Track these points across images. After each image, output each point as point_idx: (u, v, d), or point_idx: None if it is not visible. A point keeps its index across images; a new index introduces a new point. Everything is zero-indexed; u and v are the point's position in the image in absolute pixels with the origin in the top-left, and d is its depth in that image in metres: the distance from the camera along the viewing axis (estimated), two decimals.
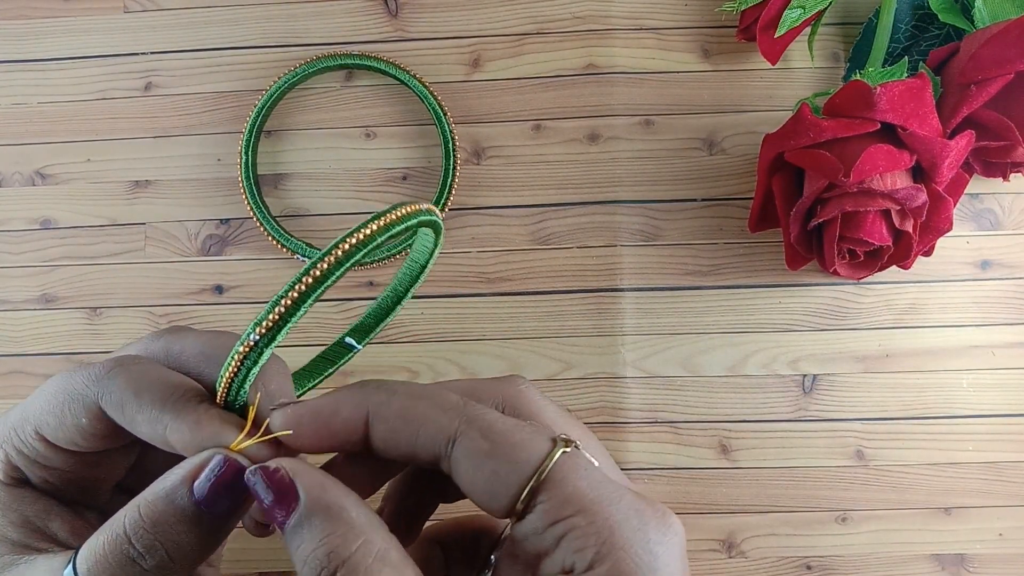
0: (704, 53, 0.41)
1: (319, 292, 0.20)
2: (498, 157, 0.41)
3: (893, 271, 0.37)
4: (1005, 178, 0.37)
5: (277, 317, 0.20)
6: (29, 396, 0.23)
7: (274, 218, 0.40)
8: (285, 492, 0.20)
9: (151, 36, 0.42)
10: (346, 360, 0.27)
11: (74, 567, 0.20)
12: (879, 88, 0.32)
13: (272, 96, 0.40)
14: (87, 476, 0.23)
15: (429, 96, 0.40)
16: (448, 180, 0.40)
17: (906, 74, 0.35)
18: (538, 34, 0.41)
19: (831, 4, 0.38)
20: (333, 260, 0.20)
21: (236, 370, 0.21)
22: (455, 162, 0.40)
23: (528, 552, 0.19)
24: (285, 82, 0.40)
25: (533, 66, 0.41)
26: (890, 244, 0.33)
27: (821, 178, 0.33)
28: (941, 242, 0.36)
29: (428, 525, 0.25)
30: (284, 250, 0.40)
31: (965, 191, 0.37)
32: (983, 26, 0.35)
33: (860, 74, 0.34)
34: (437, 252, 0.25)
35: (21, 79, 0.42)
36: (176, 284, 0.41)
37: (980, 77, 0.33)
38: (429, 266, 0.25)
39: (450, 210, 0.40)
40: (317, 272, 0.20)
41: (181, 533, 0.20)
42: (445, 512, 0.25)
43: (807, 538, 0.39)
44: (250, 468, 0.20)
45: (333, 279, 0.20)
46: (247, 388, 0.21)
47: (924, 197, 0.32)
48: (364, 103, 0.41)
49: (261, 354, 0.20)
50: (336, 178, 0.41)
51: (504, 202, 0.41)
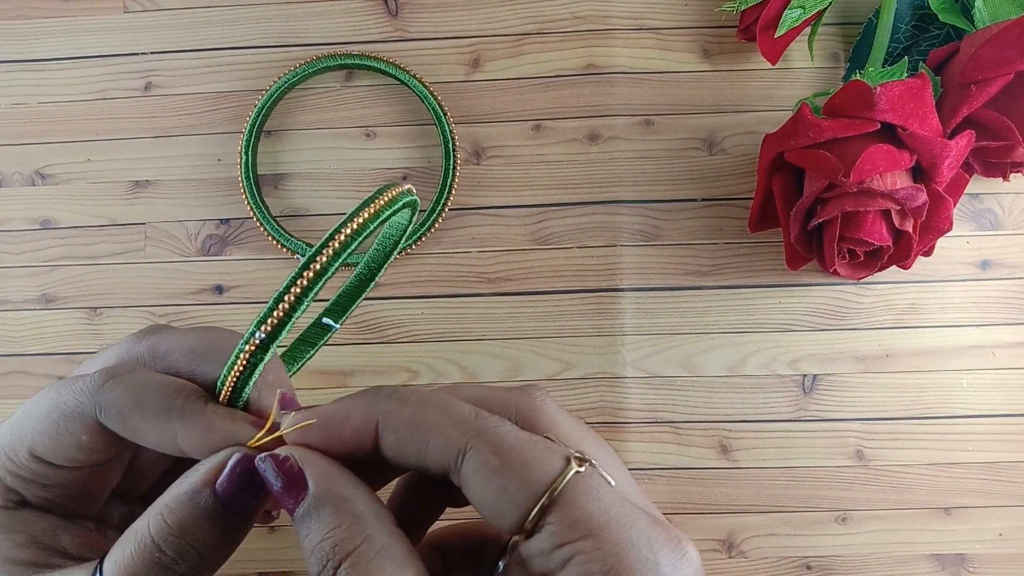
0: (704, 53, 0.41)
1: (319, 286, 0.20)
2: (498, 157, 0.41)
3: (893, 271, 0.37)
4: (1005, 178, 0.37)
5: (282, 314, 0.20)
6: (14, 416, 0.23)
7: (274, 218, 0.40)
8: (295, 481, 0.20)
9: (151, 36, 0.42)
10: (325, 340, 0.27)
11: None
12: (879, 88, 0.32)
13: (272, 96, 0.40)
14: (87, 488, 0.23)
15: (429, 96, 0.40)
16: (448, 180, 0.40)
17: (906, 74, 0.35)
18: (538, 34, 0.41)
19: (831, 4, 0.38)
20: (331, 252, 0.20)
21: (242, 369, 0.21)
22: (455, 162, 0.40)
23: (534, 571, 0.19)
24: (285, 82, 0.40)
25: (533, 66, 0.41)
26: (890, 244, 0.33)
27: (821, 178, 0.33)
28: (941, 242, 0.36)
29: (431, 531, 0.25)
30: (284, 250, 0.40)
31: (965, 191, 0.37)
32: (983, 26, 0.35)
33: (860, 74, 0.34)
34: (410, 228, 0.25)
35: (21, 79, 0.42)
36: (176, 284, 0.41)
37: (980, 77, 0.33)
38: (403, 242, 0.25)
39: (450, 210, 0.40)
40: (317, 266, 0.20)
41: (209, 534, 0.20)
42: (452, 516, 0.24)
43: (807, 538, 0.39)
44: (260, 456, 0.20)
45: (332, 272, 0.20)
46: (251, 385, 0.21)
47: (924, 197, 0.32)
48: (364, 103, 0.41)
49: (267, 352, 0.20)
50: (336, 178, 0.41)
51: (504, 202, 0.41)
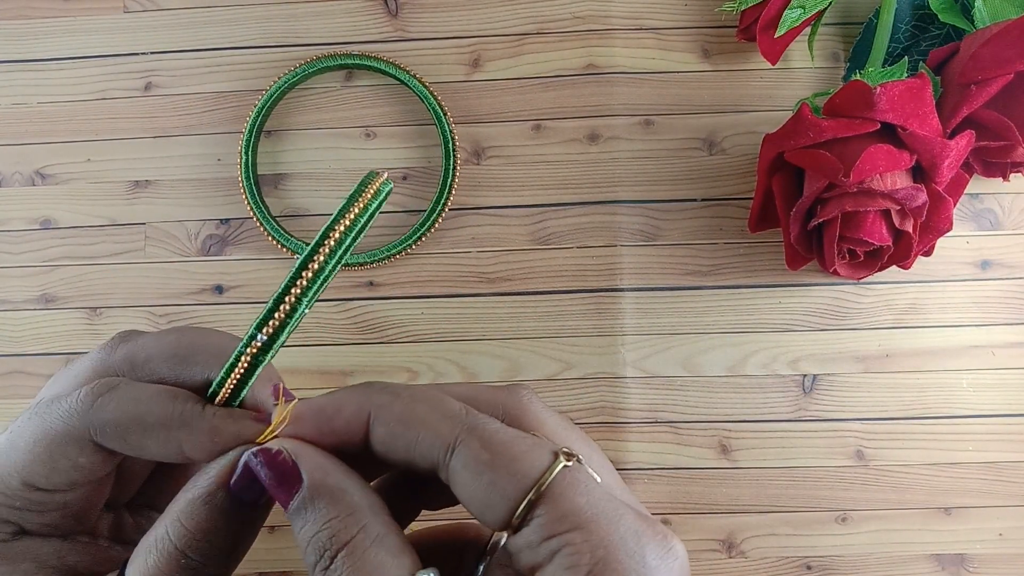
0: (704, 53, 0.41)
1: (317, 286, 0.20)
2: (498, 157, 0.41)
3: (893, 271, 0.37)
4: (1005, 178, 0.37)
5: (283, 316, 0.20)
6: None
7: (274, 218, 0.40)
8: (288, 474, 0.20)
9: (151, 36, 0.42)
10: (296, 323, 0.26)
11: None
12: (879, 88, 0.32)
13: (272, 96, 0.40)
14: (84, 506, 0.23)
15: (429, 96, 0.40)
16: (448, 180, 0.40)
17: (906, 74, 0.35)
18: (538, 34, 0.41)
19: (831, 4, 0.38)
20: (328, 251, 0.20)
21: (243, 372, 0.21)
22: (455, 162, 0.40)
23: (521, 565, 0.19)
24: (285, 82, 0.40)
25: (533, 66, 0.41)
26: (890, 244, 0.33)
27: (821, 178, 0.33)
28: (941, 242, 0.36)
29: (408, 534, 0.25)
30: (284, 250, 0.40)
31: (965, 191, 0.37)
32: (983, 26, 0.35)
33: (860, 74, 0.34)
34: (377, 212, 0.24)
35: (21, 79, 0.42)
36: (176, 284, 0.41)
37: (980, 77, 0.33)
38: (370, 224, 0.25)
39: (450, 210, 0.40)
40: (315, 265, 0.20)
41: (230, 532, 0.21)
42: (427, 519, 0.24)
43: (807, 538, 0.39)
44: (250, 450, 0.20)
45: (329, 269, 0.20)
46: (248, 386, 0.21)
47: (924, 197, 0.32)
48: (364, 103, 0.41)
49: (267, 354, 0.20)
50: (336, 178, 0.41)
51: (504, 202, 0.41)
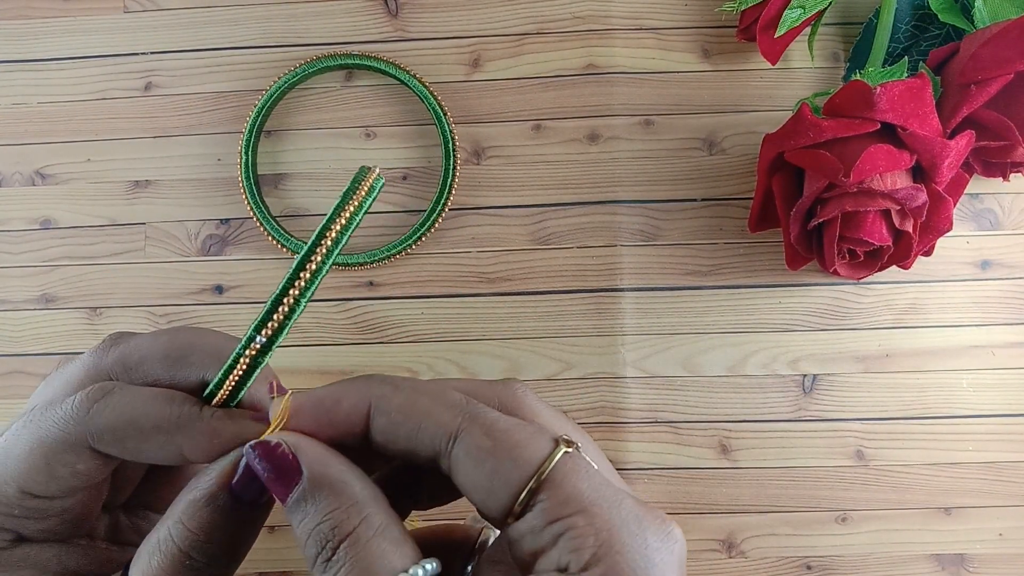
0: (704, 53, 0.41)
1: (316, 286, 0.20)
2: (498, 157, 0.41)
3: (893, 271, 0.37)
4: (1005, 178, 0.37)
5: (282, 317, 0.20)
6: None
7: (274, 218, 0.40)
8: (287, 467, 0.20)
9: (151, 36, 0.42)
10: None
11: None
12: (879, 88, 0.32)
13: (272, 96, 0.40)
14: (83, 510, 0.23)
15: (429, 96, 0.40)
16: (448, 180, 0.40)
17: (906, 74, 0.35)
18: (538, 34, 0.41)
19: (831, 4, 0.38)
20: (324, 251, 0.20)
21: (242, 373, 0.21)
22: (455, 162, 0.40)
23: (523, 551, 0.19)
24: (285, 82, 0.40)
25: (533, 66, 0.41)
26: (890, 244, 0.33)
27: (821, 178, 0.33)
28: (941, 242, 0.36)
29: None
30: (284, 250, 0.40)
31: (965, 191, 0.37)
32: (983, 26, 0.35)
33: (860, 74, 0.34)
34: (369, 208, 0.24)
35: (21, 79, 0.42)
36: (176, 284, 0.41)
37: (980, 77, 0.33)
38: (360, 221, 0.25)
39: (450, 210, 0.40)
40: (313, 265, 0.20)
41: (233, 532, 0.21)
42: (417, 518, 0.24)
43: (807, 538, 0.39)
44: (248, 444, 0.20)
45: (327, 269, 0.20)
46: (247, 387, 0.21)
47: (924, 197, 0.32)
48: (364, 103, 0.41)
49: (266, 355, 0.20)
50: (336, 178, 0.41)
51: (504, 202, 0.41)
